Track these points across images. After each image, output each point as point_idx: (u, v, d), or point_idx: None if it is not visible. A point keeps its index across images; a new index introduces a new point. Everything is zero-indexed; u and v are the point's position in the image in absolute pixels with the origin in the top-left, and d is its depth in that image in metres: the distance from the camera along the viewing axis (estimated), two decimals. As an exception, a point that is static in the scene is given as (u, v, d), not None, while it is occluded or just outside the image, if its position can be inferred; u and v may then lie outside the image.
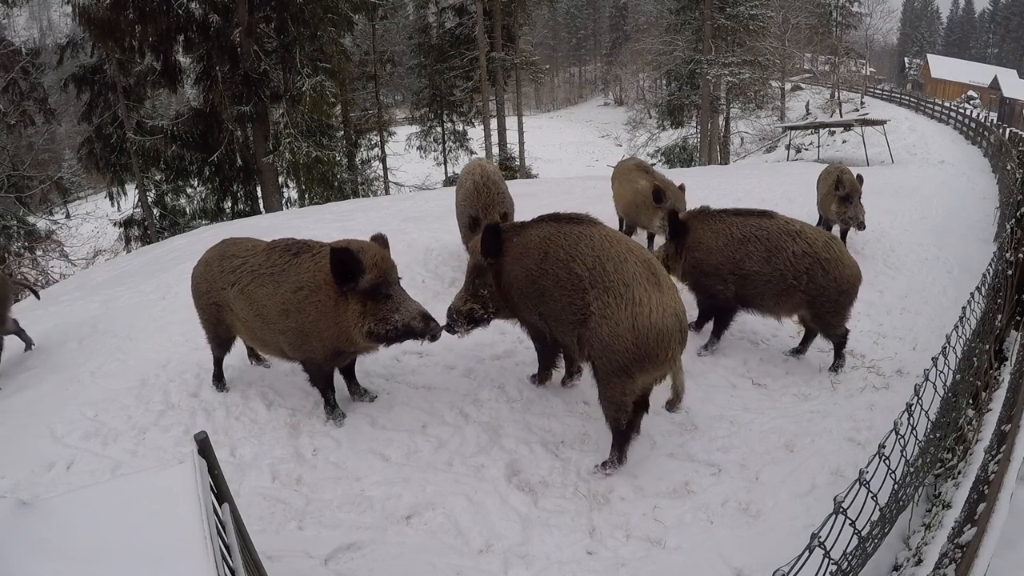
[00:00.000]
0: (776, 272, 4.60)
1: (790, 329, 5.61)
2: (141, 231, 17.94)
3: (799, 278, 4.56)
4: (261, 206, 18.04)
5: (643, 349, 3.25)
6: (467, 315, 4.04)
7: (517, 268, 3.81)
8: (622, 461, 3.61)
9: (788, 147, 26.41)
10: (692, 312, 5.73)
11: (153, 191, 18.37)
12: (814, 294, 4.57)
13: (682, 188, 6.78)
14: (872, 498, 2.14)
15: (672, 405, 3.56)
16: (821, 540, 1.76)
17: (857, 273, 4.69)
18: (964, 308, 3.39)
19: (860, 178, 7.23)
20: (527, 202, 8.57)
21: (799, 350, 5.08)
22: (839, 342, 4.84)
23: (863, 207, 7.06)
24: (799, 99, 40.89)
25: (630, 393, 3.45)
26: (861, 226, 6.99)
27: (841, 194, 7.05)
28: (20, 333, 5.46)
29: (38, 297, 6.73)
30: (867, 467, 2.04)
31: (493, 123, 24.49)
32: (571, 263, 3.52)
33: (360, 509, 3.32)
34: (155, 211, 18.12)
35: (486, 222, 4.18)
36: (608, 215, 8.58)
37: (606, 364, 3.39)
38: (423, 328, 3.56)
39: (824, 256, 4.55)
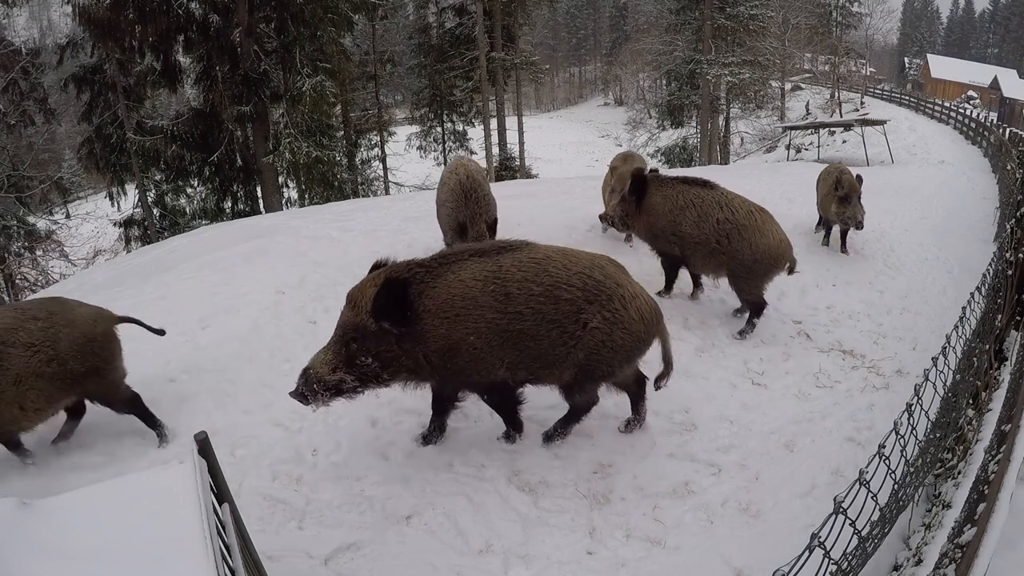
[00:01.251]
0: (703, 235, 5.22)
1: (790, 329, 5.61)
2: (141, 231, 17.92)
3: (721, 241, 5.17)
4: (261, 206, 18.02)
5: (650, 329, 3.48)
6: (334, 387, 3.21)
7: (462, 326, 3.18)
8: (566, 436, 3.82)
9: (788, 147, 26.39)
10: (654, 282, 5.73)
11: (153, 191, 18.36)
12: (731, 255, 5.16)
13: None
14: (872, 498, 2.14)
15: (661, 378, 3.68)
16: (821, 540, 1.76)
17: (778, 249, 5.19)
18: (964, 308, 3.39)
19: (859, 178, 7.23)
20: (527, 202, 8.58)
21: (738, 310, 5.63)
22: (752, 308, 5.39)
23: (862, 207, 7.05)
24: (799, 99, 40.89)
25: (619, 377, 3.64)
26: (859, 226, 7.00)
27: (840, 194, 7.05)
28: None
29: None
30: (867, 467, 2.04)
31: (493, 123, 24.47)
32: (555, 291, 3.25)
33: (360, 509, 3.32)
34: (155, 211, 18.11)
35: (387, 272, 3.28)
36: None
37: (609, 363, 3.41)
38: None
39: (744, 223, 5.15)
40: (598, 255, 3.55)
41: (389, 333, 3.14)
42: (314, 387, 3.20)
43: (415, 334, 3.18)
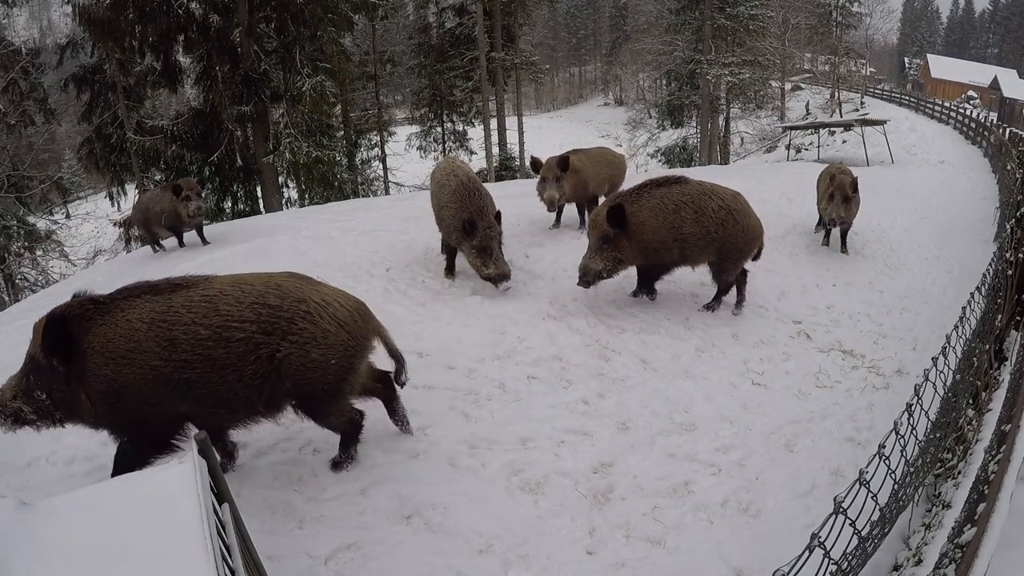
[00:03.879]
0: (704, 229, 5.25)
1: (790, 329, 5.62)
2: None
3: (717, 230, 5.27)
4: (261, 206, 18.02)
5: (359, 332, 3.24)
6: (13, 415, 3.06)
7: (130, 371, 2.92)
8: (354, 458, 3.60)
9: (788, 147, 26.39)
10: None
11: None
12: (723, 241, 5.30)
13: None
14: (872, 498, 2.14)
15: (399, 375, 3.55)
16: (821, 540, 1.76)
17: (760, 227, 5.53)
18: (964, 308, 3.39)
19: (855, 180, 7.21)
20: (527, 202, 8.57)
21: (710, 306, 5.78)
22: (725, 288, 5.69)
23: (847, 207, 7.07)
24: (799, 99, 40.89)
25: (354, 389, 3.39)
26: (833, 223, 7.16)
27: (829, 192, 7.12)
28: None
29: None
30: (867, 467, 2.04)
31: (493, 123, 24.48)
32: (225, 332, 2.96)
33: (360, 509, 3.32)
34: (155, 211, 18.08)
35: (60, 306, 3.04)
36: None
37: (326, 381, 3.16)
38: None
39: (734, 207, 5.33)
40: (278, 274, 3.26)
41: (58, 371, 2.94)
42: None
43: (79, 373, 2.94)
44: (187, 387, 2.97)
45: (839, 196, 7.01)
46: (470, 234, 5.52)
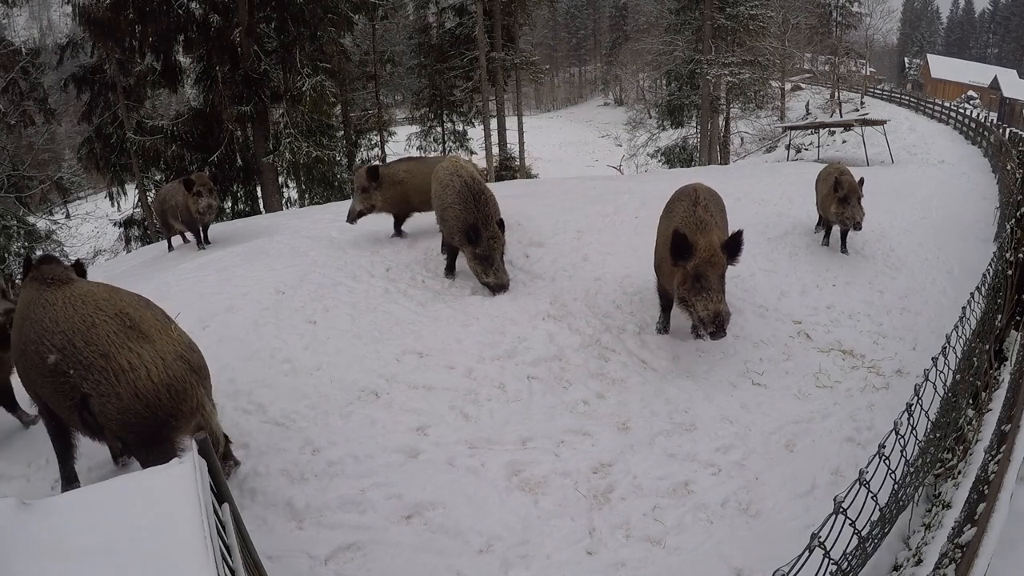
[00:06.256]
0: None
1: (790, 329, 5.62)
2: (141, 231, 17.94)
3: None
4: (261, 206, 18.03)
5: (162, 410, 2.89)
6: None
7: (15, 336, 3.15)
8: None
9: (788, 147, 26.39)
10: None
11: (153, 191, 18.37)
12: None
13: None
14: (872, 498, 2.14)
15: (226, 458, 3.35)
16: (821, 540, 1.76)
17: None
18: (964, 308, 3.39)
19: (861, 180, 7.21)
20: (527, 202, 8.58)
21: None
22: None
23: (862, 208, 7.05)
24: (799, 99, 40.91)
25: (170, 453, 2.96)
26: (857, 227, 6.99)
27: (840, 195, 7.05)
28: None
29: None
30: (867, 467, 2.04)
31: (493, 123, 24.48)
32: (39, 347, 2.95)
33: (360, 509, 3.32)
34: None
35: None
36: (607, 214, 8.58)
37: (135, 437, 2.96)
38: None
39: None
40: (119, 301, 3.08)
41: None
42: None
43: None
44: (42, 379, 3.03)
45: (854, 198, 6.99)
46: (473, 242, 5.52)
